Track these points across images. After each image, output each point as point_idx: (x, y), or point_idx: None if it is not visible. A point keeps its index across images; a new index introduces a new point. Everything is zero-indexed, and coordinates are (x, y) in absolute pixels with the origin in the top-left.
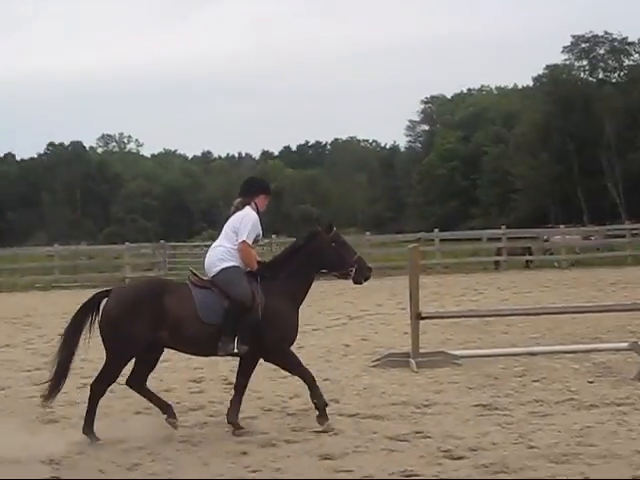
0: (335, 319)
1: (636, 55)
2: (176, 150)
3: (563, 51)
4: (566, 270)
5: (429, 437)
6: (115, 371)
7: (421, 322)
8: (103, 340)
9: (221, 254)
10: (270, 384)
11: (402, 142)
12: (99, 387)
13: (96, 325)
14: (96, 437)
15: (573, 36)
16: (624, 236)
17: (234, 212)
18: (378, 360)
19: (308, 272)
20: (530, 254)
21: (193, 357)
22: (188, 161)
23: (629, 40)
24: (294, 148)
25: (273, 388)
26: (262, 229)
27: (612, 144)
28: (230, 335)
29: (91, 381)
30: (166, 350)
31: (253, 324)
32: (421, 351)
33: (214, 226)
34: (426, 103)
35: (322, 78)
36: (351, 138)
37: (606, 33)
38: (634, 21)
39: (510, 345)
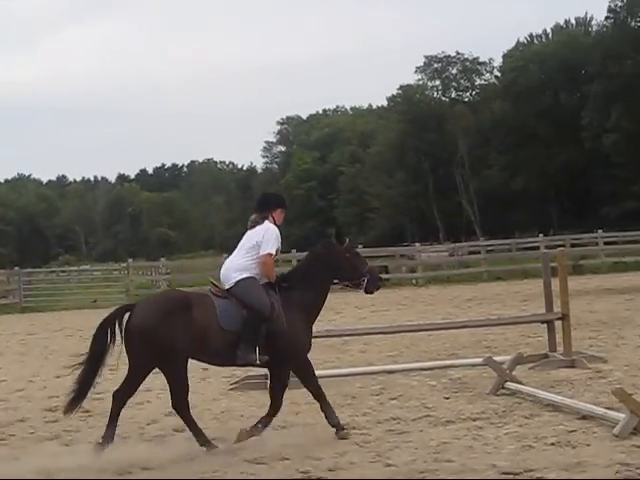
0: None
1: (487, 74)
2: (30, 174)
3: (416, 71)
4: (423, 287)
5: (287, 459)
6: (186, 381)
7: None
8: (135, 353)
9: (237, 266)
10: (127, 410)
11: (259, 163)
12: (179, 403)
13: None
14: (211, 443)
15: (426, 56)
16: (479, 252)
17: (252, 227)
18: (236, 383)
19: (324, 283)
20: (387, 272)
21: (48, 386)
22: (43, 185)
23: (480, 60)
24: (150, 171)
25: (130, 414)
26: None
27: (465, 162)
28: (250, 345)
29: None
30: (19, 379)
31: (276, 334)
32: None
33: (70, 251)
34: (282, 124)
35: (178, 100)
36: (208, 160)
37: (458, 53)
38: (484, 41)
39: (368, 364)
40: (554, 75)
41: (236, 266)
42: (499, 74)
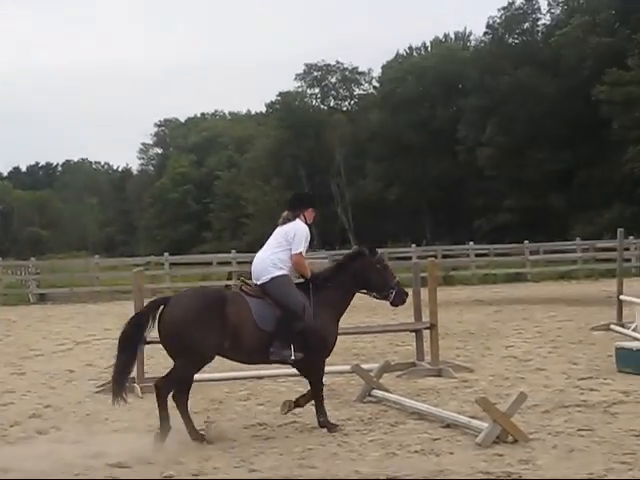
0: (61, 344)
1: (366, 84)
2: None
3: (296, 78)
4: None
5: (151, 463)
6: (188, 380)
7: (149, 346)
8: (167, 347)
9: (273, 261)
10: None
11: (135, 165)
12: (166, 385)
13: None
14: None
15: (306, 64)
16: None
17: (283, 223)
18: (103, 386)
19: (352, 289)
20: None
21: None
22: None
23: (359, 70)
24: (24, 169)
25: None
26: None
27: (342, 171)
28: (285, 342)
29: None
30: None
31: (306, 331)
32: (147, 376)
33: None
34: (159, 126)
35: (53, 98)
36: (83, 160)
37: (338, 62)
38: (364, 51)
39: (236, 369)
40: (432, 88)
41: (271, 260)
42: (378, 85)
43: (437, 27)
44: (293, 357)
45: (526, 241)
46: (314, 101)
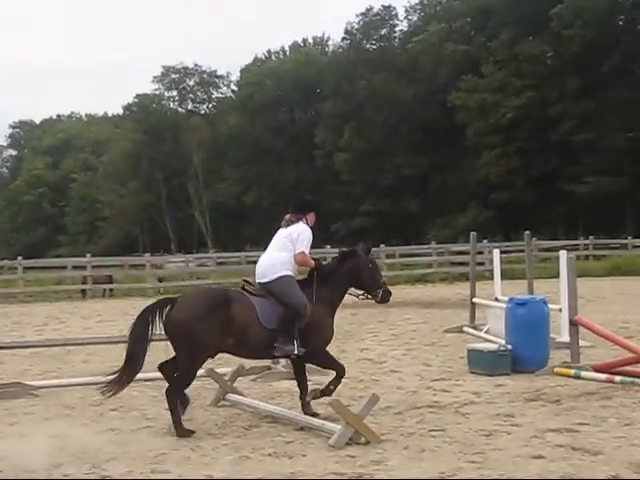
0: None
1: (224, 88)
2: None
3: (153, 81)
4: (153, 298)
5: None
6: (192, 375)
7: (1, 352)
8: (175, 347)
9: (277, 262)
10: None
11: None
12: (176, 390)
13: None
14: (189, 430)
15: (163, 67)
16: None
17: (287, 225)
18: None
19: (346, 286)
20: (111, 282)
21: None
22: None
23: (218, 73)
24: None
25: None
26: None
27: (200, 174)
28: (289, 338)
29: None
30: None
31: (305, 328)
32: None
33: None
34: (14, 128)
35: None
36: None
37: (196, 65)
38: (223, 55)
39: (90, 374)
40: (290, 92)
41: (275, 261)
42: (236, 88)
43: (295, 31)
44: (297, 352)
45: (382, 245)
46: (172, 104)
